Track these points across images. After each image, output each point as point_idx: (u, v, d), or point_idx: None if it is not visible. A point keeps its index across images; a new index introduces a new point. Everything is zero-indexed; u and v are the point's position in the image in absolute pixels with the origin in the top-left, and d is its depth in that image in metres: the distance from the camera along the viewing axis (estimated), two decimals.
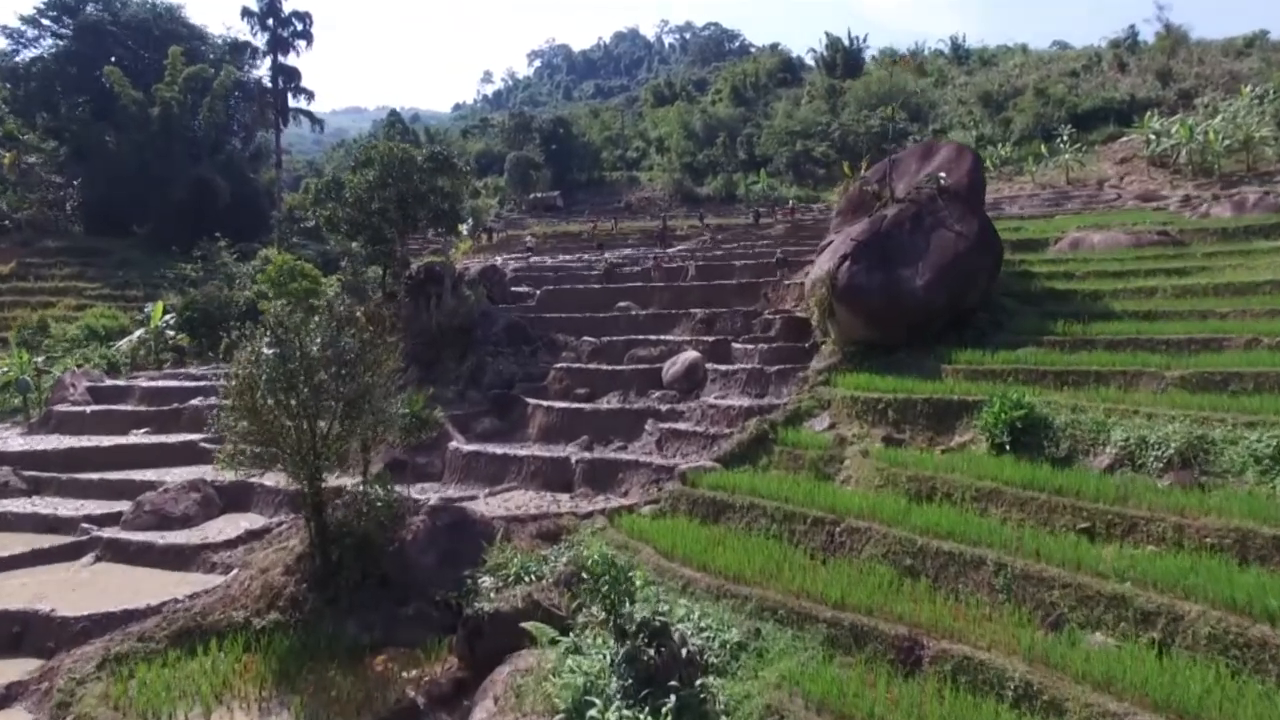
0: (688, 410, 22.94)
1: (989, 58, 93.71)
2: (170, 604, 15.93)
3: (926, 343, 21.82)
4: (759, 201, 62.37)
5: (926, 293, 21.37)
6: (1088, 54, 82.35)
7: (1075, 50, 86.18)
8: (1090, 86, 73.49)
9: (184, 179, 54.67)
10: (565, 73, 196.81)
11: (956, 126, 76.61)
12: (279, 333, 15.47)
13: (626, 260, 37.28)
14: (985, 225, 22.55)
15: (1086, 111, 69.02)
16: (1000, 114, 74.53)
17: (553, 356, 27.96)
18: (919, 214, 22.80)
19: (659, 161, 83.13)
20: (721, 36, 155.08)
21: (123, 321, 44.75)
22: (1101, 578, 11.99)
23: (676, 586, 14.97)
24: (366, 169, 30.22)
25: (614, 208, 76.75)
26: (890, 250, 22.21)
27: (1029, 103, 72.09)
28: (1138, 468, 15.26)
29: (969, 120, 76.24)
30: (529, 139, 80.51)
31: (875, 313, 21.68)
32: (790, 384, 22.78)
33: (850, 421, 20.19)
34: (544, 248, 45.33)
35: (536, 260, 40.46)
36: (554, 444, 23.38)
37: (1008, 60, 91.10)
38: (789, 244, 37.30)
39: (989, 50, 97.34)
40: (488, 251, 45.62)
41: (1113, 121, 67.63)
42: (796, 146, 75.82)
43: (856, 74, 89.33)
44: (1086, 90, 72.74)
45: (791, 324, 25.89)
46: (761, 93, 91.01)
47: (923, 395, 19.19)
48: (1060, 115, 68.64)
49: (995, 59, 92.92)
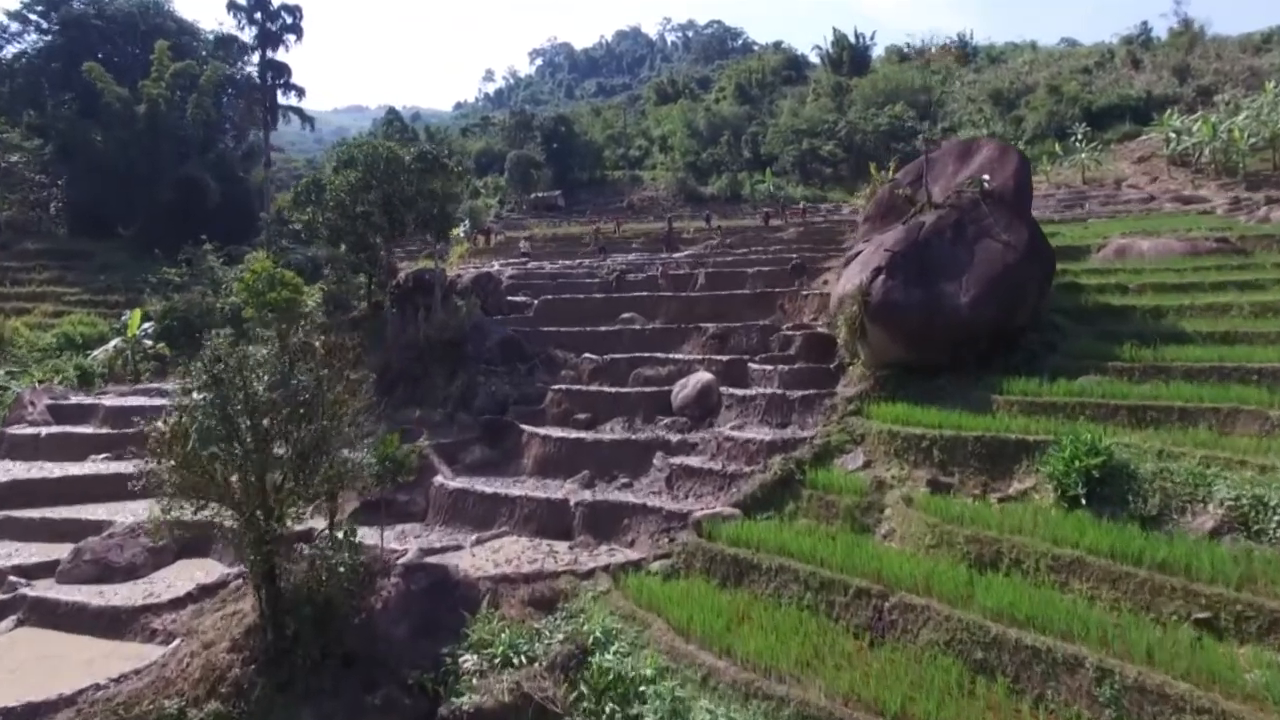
0: (700, 442, 20.07)
1: (997, 55, 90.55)
2: (89, 692, 13.07)
3: (970, 367, 18.97)
4: (766, 201, 59.43)
5: (972, 310, 18.49)
6: (1100, 51, 79.21)
7: (1086, 47, 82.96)
8: (1104, 84, 70.40)
9: (171, 179, 51.71)
10: (567, 71, 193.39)
11: (967, 125, 73.53)
12: (216, 370, 12.59)
13: (630, 267, 34.37)
14: (1035, 234, 19.66)
15: (1101, 109, 65.98)
16: (1012, 112, 71.50)
17: (551, 375, 25.09)
18: (960, 221, 19.91)
19: (662, 160, 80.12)
20: (724, 34, 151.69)
21: (101, 329, 41.85)
22: (1253, 704, 9.13)
23: (695, 677, 12.15)
24: (349, 170, 27.32)
25: (616, 207, 73.90)
26: (930, 262, 19.32)
27: (1042, 100, 69.03)
28: (1254, 534, 12.38)
29: (979, 118, 73.17)
30: (530, 138, 77.54)
31: (914, 333, 18.80)
32: (816, 412, 19.91)
33: (888, 460, 17.33)
34: (543, 251, 42.39)
35: (535, 266, 37.54)
36: (551, 478, 20.54)
37: (1016, 58, 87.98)
38: (804, 248, 34.39)
39: (996, 47, 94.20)
40: (485, 255, 42.69)
41: (1129, 119, 64.62)
42: (803, 145, 72.78)
43: (863, 71, 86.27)
44: (1100, 87, 69.65)
45: (813, 341, 23.02)
46: (767, 91, 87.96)
47: (973, 432, 16.31)
48: (1074, 113, 65.61)
49: (1003, 56, 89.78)
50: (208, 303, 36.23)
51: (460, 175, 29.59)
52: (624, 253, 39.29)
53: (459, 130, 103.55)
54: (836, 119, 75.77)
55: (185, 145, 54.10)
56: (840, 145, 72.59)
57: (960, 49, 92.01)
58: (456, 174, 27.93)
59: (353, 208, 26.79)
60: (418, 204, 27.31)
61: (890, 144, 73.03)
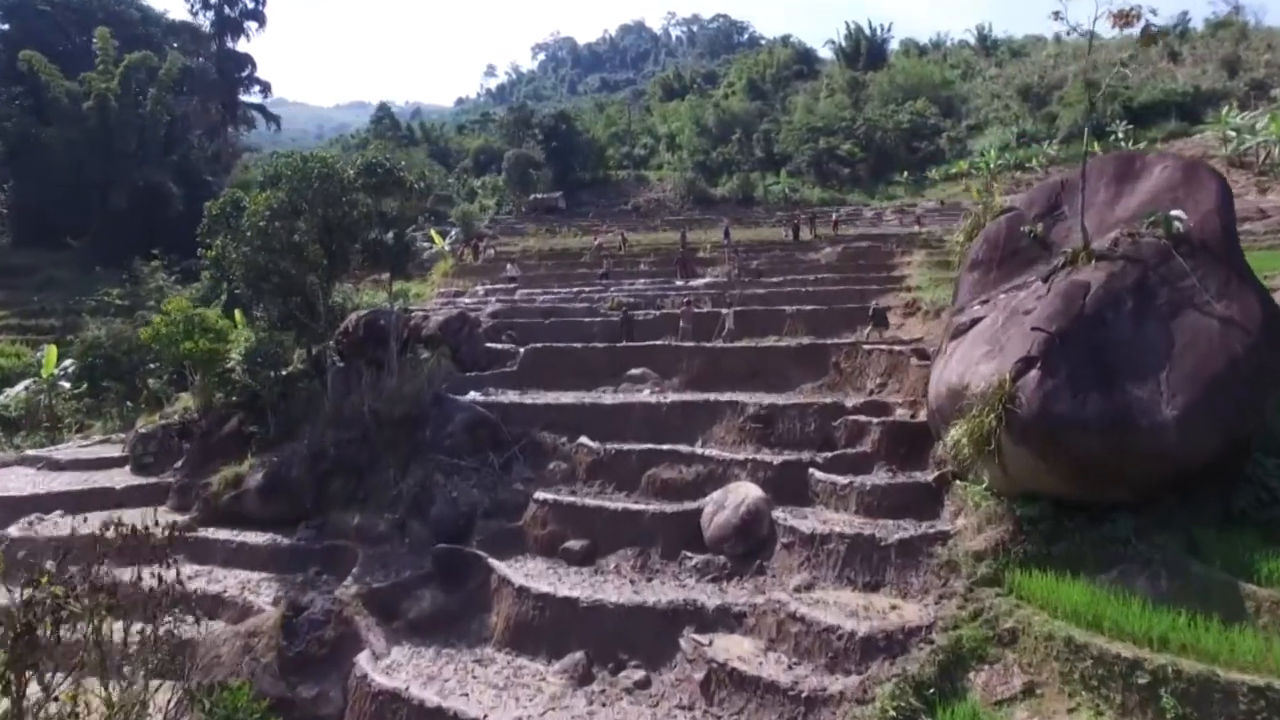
0: (750, 611, 12.78)
1: (1018, 49, 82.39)
2: None
3: (1169, 508, 11.76)
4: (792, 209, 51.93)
5: (1183, 430, 11.15)
6: (1133, 43, 71.06)
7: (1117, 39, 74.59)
8: (1142, 78, 62.44)
9: (126, 184, 44.32)
10: (570, 66, 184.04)
11: (993, 122, 65.73)
12: None
13: (639, 300, 27.02)
14: (1267, 302, 12.30)
15: (1143, 105, 58.27)
16: (1043, 108, 63.72)
17: (535, 471, 17.79)
18: (1144, 282, 12.54)
19: (669, 160, 72.45)
20: (730, 28, 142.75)
21: (28, 360, 34.74)
22: None
23: None
24: (275, 189, 19.98)
25: (620, 210, 66.32)
26: (1107, 349, 12.00)
27: (1076, 95, 61.19)
28: None
29: (1006, 115, 65.37)
30: (529, 135, 69.83)
31: (1089, 462, 11.50)
32: (922, 568, 12.65)
33: (1069, 694, 10.09)
34: (536, 272, 34.93)
35: (523, 296, 30.10)
36: (528, 655, 13.30)
37: (1040, 51, 79.92)
38: (849, 277, 27.09)
39: (1016, 40, 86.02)
40: (471, 277, 35.22)
41: (1174, 116, 57.02)
42: (819, 144, 65.13)
43: (880, 66, 78.26)
44: (1138, 82, 61.66)
45: (897, 435, 15.76)
46: (779, 86, 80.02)
47: (1243, 677, 9.04)
48: (1113, 109, 57.89)
49: (1025, 50, 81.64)
50: (134, 338, 28.92)
51: (423, 193, 22.20)
52: (631, 277, 31.87)
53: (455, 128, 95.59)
54: (854, 116, 68.09)
55: (145, 146, 46.62)
56: (858, 144, 64.92)
57: (980, 42, 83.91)
58: (417, 191, 20.53)
59: (279, 237, 19.43)
60: (362, 231, 20.01)
61: (912, 142, 65.34)
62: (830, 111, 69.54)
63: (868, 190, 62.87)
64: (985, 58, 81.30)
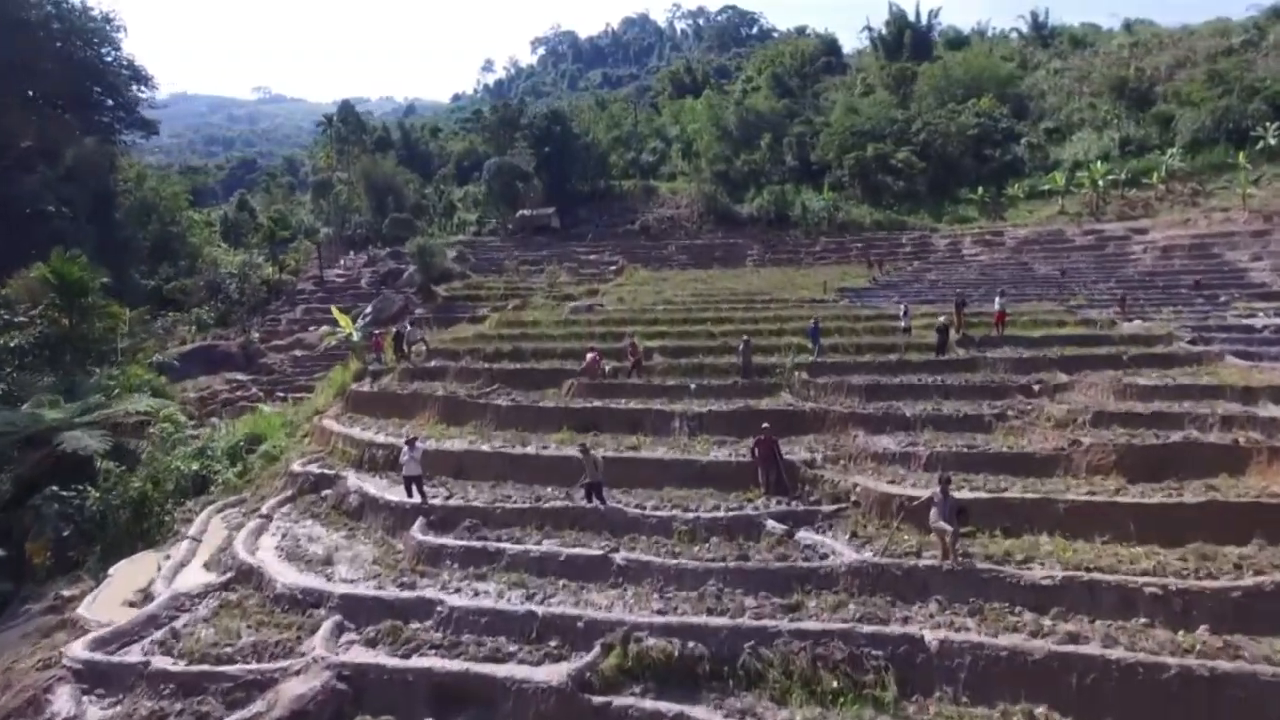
0: None
1: (1079, 38, 65.29)
2: None
3: None
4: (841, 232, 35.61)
5: None
6: (1242, 27, 54.42)
7: (1217, 22, 57.49)
8: (1270, 69, 45.74)
9: None
10: (571, 61, 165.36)
11: (1080, 125, 49.22)
12: None
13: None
14: None
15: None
16: (1148, 108, 47.08)
17: None
18: None
19: (684, 168, 55.93)
20: (739, 20, 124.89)
21: None
22: None
23: None
24: None
25: (626, 230, 50.06)
26: None
27: (1199, 91, 44.59)
28: None
29: (1096, 116, 48.87)
30: (518, 139, 53.11)
31: None
32: None
33: None
34: (473, 455, 15.73)
35: (423, 534, 11.80)
36: None
37: (1108, 40, 63.00)
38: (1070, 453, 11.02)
39: (1076, 29, 68.90)
40: (373, 412, 18.10)
41: None
42: (866, 151, 48.84)
43: (927, 57, 61.19)
44: (1270, 71, 44.92)
45: None
46: (807, 81, 62.96)
47: None
48: (1256, 109, 41.43)
49: (1088, 39, 64.62)
50: None
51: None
52: (652, 441, 15.19)
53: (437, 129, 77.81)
54: (907, 117, 51.38)
55: None
56: (915, 152, 48.37)
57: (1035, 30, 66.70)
58: None
59: None
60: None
61: (981, 150, 48.91)
62: (875, 112, 53.09)
63: (931, 210, 46.55)
64: (1043, 48, 64.20)
